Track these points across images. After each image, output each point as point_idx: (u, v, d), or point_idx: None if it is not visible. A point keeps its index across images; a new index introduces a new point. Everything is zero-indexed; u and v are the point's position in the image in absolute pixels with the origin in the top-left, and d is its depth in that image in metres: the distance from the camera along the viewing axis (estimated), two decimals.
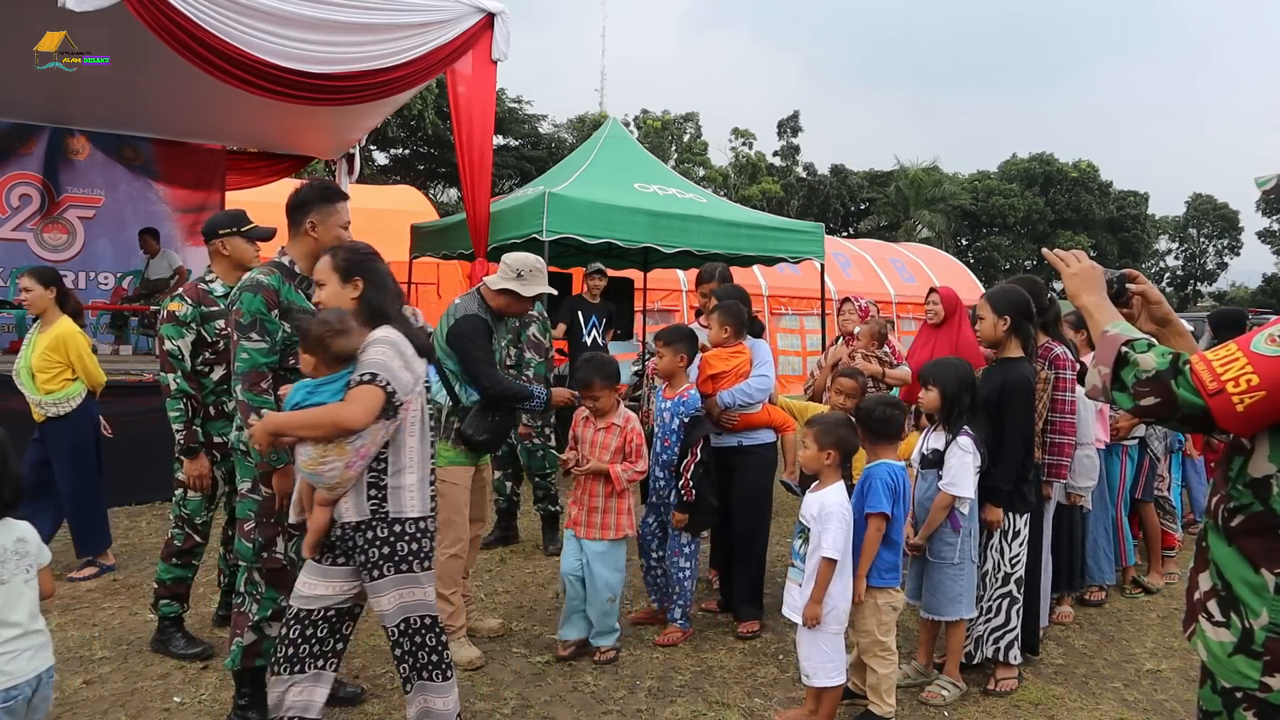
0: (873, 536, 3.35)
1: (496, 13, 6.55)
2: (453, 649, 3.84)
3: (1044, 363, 4.01)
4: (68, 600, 4.52)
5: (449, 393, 3.88)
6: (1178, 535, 6.11)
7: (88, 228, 9.40)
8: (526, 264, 3.95)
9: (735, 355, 4.33)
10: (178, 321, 3.81)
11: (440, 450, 3.87)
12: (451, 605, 3.87)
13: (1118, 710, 3.64)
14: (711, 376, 4.28)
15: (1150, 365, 1.66)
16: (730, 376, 4.28)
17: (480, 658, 3.87)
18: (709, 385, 4.29)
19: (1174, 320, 2.07)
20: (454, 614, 3.88)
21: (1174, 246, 50.26)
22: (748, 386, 4.29)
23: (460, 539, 3.90)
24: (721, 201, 9.85)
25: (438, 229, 9.12)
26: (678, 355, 4.15)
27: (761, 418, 4.37)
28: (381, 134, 26.62)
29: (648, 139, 33.45)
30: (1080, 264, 2.02)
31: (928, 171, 38.60)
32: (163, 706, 3.39)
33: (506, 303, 3.96)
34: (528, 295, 3.94)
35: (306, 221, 3.20)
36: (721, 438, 4.33)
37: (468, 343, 3.83)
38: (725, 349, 4.34)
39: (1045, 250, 2.21)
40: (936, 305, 5.32)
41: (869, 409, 3.56)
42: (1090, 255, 2.13)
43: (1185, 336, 2.06)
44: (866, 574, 3.36)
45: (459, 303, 3.97)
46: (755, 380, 4.31)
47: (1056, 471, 4.05)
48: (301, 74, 5.75)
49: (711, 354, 4.37)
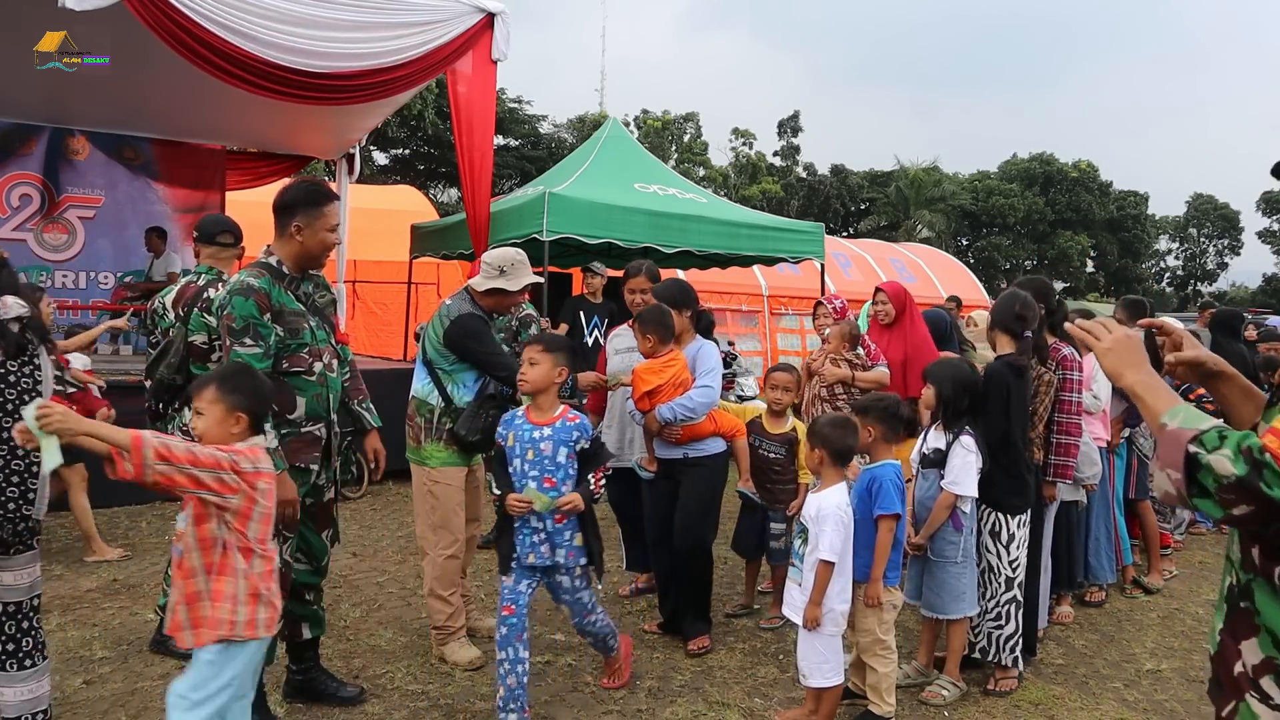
0: (885, 539, 3.33)
1: (496, 13, 6.56)
2: (453, 649, 3.86)
3: (1053, 363, 4.01)
4: (68, 600, 4.52)
5: (441, 394, 3.87)
6: (1174, 535, 6.12)
7: (88, 228, 9.40)
8: (507, 259, 3.93)
9: (668, 365, 3.94)
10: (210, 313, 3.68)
11: (433, 451, 3.87)
12: (450, 606, 3.87)
13: (1118, 710, 3.64)
14: (648, 393, 3.91)
15: (1228, 471, 1.36)
16: (668, 389, 3.90)
17: (480, 657, 3.87)
18: (645, 402, 3.92)
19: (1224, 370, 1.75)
20: (453, 615, 3.88)
21: (1174, 246, 50.31)
22: (689, 400, 3.89)
23: (456, 539, 3.90)
24: (721, 201, 9.85)
25: (438, 229, 9.13)
26: (557, 368, 3.33)
27: (707, 427, 4.00)
28: (381, 134, 26.62)
29: (648, 139, 33.45)
30: (1113, 335, 1.68)
31: (928, 171, 38.61)
32: (163, 706, 3.37)
33: (496, 301, 3.96)
34: (515, 290, 3.93)
35: (292, 224, 3.14)
36: (667, 449, 4.02)
37: (471, 341, 3.82)
38: (656, 360, 3.96)
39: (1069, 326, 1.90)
40: (885, 304, 5.06)
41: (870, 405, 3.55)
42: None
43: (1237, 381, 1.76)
44: (859, 571, 3.34)
45: (450, 304, 3.94)
46: (698, 392, 3.92)
47: (1062, 472, 4.04)
48: (302, 73, 5.76)
49: (641, 367, 3.99)
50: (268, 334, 3.05)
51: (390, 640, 4.10)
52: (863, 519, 3.37)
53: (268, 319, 3.06)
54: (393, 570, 5.21)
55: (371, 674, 3.73)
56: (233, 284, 3.10)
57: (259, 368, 3.00)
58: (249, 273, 3.12)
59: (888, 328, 5.06)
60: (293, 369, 3.13)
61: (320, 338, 3.24)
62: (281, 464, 2.98)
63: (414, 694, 3.55)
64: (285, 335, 3.10)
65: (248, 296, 3.03)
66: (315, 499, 3.25)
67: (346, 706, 3.40)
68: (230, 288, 3.09)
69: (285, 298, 3.14)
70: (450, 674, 3.74)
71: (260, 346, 3.03)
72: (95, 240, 9.43)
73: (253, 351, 3.01)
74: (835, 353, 4.87)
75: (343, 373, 3.41)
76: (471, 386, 3.89)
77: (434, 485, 3.88)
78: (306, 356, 3.17)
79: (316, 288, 3.34)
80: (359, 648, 4.00)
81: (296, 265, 3.21)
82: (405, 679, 3.68)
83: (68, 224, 9.32)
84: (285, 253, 3.19)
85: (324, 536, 3.38)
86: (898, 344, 4.97)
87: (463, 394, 3.86)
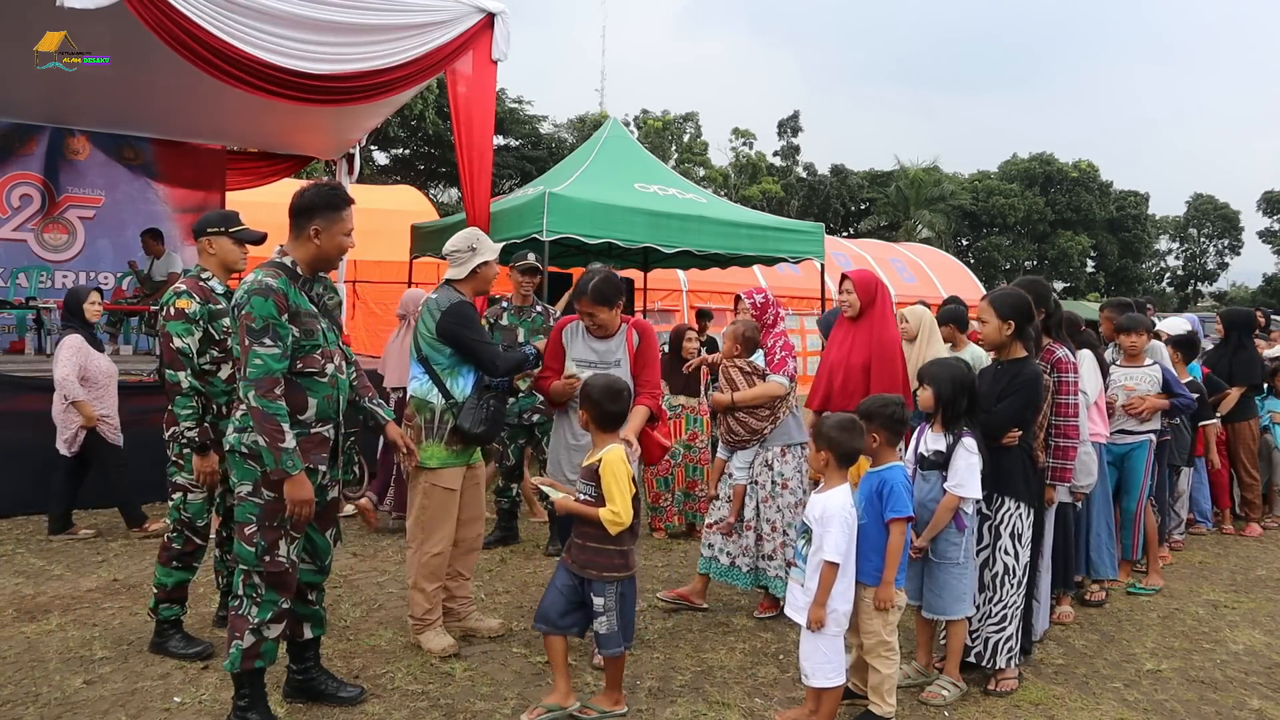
0: (897, 542, 3.31)
1: (497, 13, 6.56)
2: (429, 637, 3.93)
3: (1046, 365, 4.00)
4: (68, 600, 4.52)
5: (441, 391, 3.88)
6: (1174, 535, 6.13)
7: (88, 228, 9.41)
8: (468, 238, 4.04)
9: None
10: (187, 319, 3.76)
11: (433, 451, 3.88)
12: (431, 600, 3.96)
13: (1118, 710, 3.63)
14: None
15: None
16: None
17: (453, 645, 3.92)
18: None
19: None
20: (432, 609, 3.97)
21: (1174, 246, 50.32)
22: None
23: (445, 538, 3.95)
24: (721, 201, 9.86)
25: (438, 229, 9.12)
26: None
27: None
28: (381, 134, 26.63)
29: (648, 139, 33.46)
30: None
31: (928, 171, 38.61)
32: (163, 706, 3.39)
33: (480, 280, 4.04)
34: (493, 257, 4.03)
35: (310, 227, 3.16)
36: None
37: (461, 329, 3.86)
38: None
39: None
40: (850, 295, 4.48)
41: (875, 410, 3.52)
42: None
43: None
44: (868, 574, 3.34)
45: (436, 298, 3.97)
46: None
47: (1061, 474, 4.04)
48: (302, 74, 5.76)
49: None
50: (286, 335, 3.05)
51: (390, 640, 4.10)
52: (871, 522, 3.35)
53: (285, 319, 3.06)
54: (393, 570, 5.21)
55: (371, 674, 3.73)
56: (250, 283, 3.07)
57: (277, 368, 3.01)
58: (266, 272, 3.10)
59: (853, 322, 4.49)
60: (306, 370, 3.14)
61: (331, 339, 3.25)
62: (300, 464, 2.99)
63: (414, 694, 3.55)
64: (300, 336, 3.11)
65: (267, 296, 3.02)
66: (320, 499, 3.25)
67: (346, 706, 3.40)
68: (248, 287, 3.06)
69: (300, 299, 3.15)
70: (450, 674, 3.74)
71: (279, 347, 3.03)
72: (95, 240, 9.44)
73: (272, 352, 3.00)
74: (728, 356, 4.54)
75: (350, 373, 3.42)
76: (470, 378, 3.91)
77: (429, 487, 3.90)
78: (320, 358, 3.17)
79: (326, 289, 3.36)
80: (359, 648, 4.00)
81: (310, 267, 3.22)
82: (405, 679, 3.68)
83: (68, 224, 9.33)
84: (301, 254, 3.19)
85: (328, 536, 3.39)
86: (861, 343, 4.40)
87: (464, 387, 3.89)
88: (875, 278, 4.59)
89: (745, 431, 4.47)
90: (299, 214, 3.18)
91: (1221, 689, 3.88)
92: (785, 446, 4.49)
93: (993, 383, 3.79)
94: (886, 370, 4.36)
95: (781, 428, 4.50)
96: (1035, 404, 3.77)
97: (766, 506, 4.47)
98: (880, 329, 4.42)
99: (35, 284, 9.09)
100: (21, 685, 3.52)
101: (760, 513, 4.48)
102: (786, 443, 4.50)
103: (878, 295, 4.48)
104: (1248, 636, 4.54)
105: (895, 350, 4.44)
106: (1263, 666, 4.15)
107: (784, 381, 4.43)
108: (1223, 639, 4.50)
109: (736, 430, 4.49)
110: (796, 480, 4.48)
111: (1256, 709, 3.69)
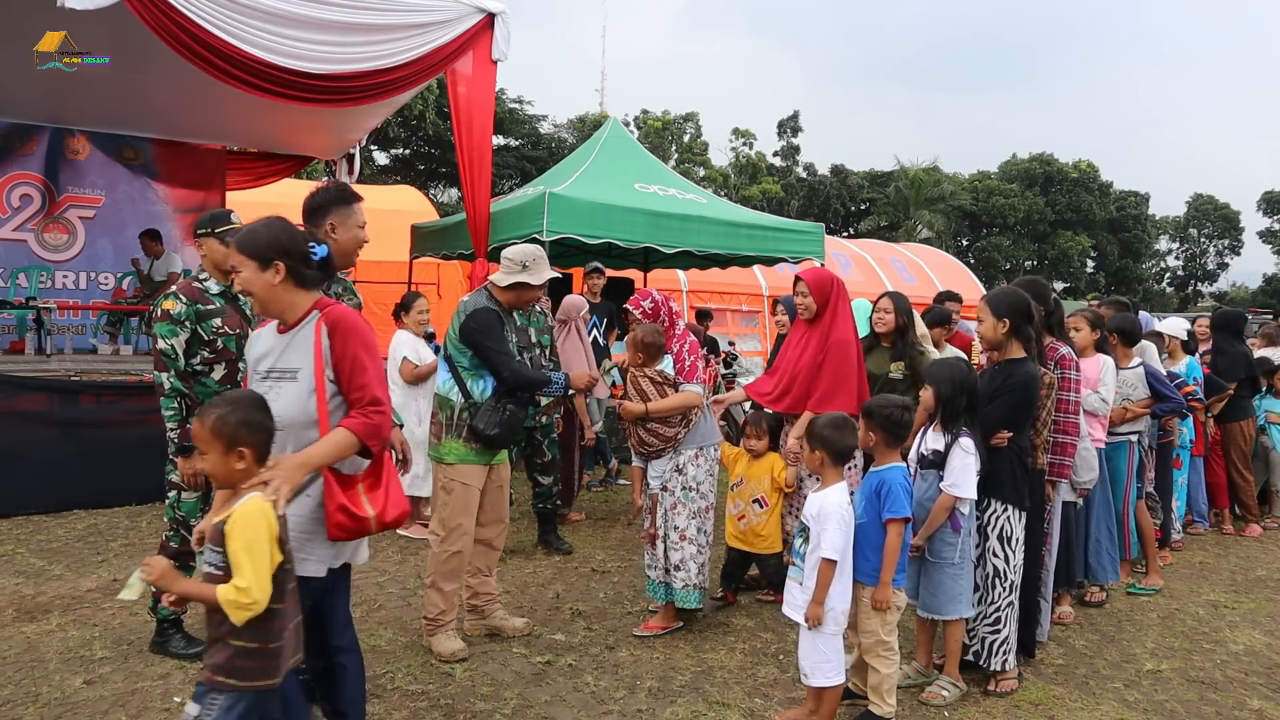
0: (894, 543, 3.31)
1: (497, 13, 6.55)
2: (440, 640, 3.91)
3: (1050, 364, 4.01)
4: (68, 600, 4.52)
5: (461, 390, 3.92)
6: (1174, 535, 6.13)
7: (88, 228, 9.40)
8: (529, 254, 4.04)
9: None
10: (172, 320, 3.77)
11: (451, 447, 3.91)
12: (446, 602, 3.93)
13: (1118, 710, 3.63)
14: None
15: None
16: None
17: (463, 649, 3.90)
18: None
19: None
20: (446, 610, 3.95)
21: (1174, 246, 50.33)
22: None
23: (465, 535, 3.94)
24: (721, 202, 9.85)
25: (438, 229, 9.12)
26: None
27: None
28: (381, 134, 26.64)
29: (648, 139, 33.46)
30: None
31: (928, 171, 38.62)
32: (163, 706, 3.39)
33: (516, 296, 4.05)
34: (537, 284, 4.04)
35: (326, 223, 3.24)
36: None
37: (481, 335, 3.89)
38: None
39: None
40: (805, 297, 4.44)
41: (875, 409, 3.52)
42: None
43: None
44: (867, 574, 3.34)
45: (467, 300, 4.04)
46: None
47: (1060, 471, 4.05)
48: (302, 74, 5.75)
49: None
50: None
51: (390, 640, 4.10)
52: (869, 521, 3.35)
53: None
54: (393, 570, 5.21)
55: (371, 674, 3.72)
56: None
57: None
58: None
59: (809, 324, 4.47)
60: None
61: None
62: None
63: (414, 694, 3.55)
64: None
65: None
66: None
67: None
68: None
69: None
70: (450, 674, 3.74)
71: None
72: (95, 240, 9.42)
73: None
74: (634, 365, 4.31)
75: None
76: (490, 382, 3.94)
77: (449, 482, 3.93)
78: None
79: (345, 290, 3.38)
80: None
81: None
82: (405, 679, 3.68)
83: (68, 224, 9.32)
84: None
85: None
86: (813, 346, 4.35)
87: (484, 389, 3.92)
88: (832, 278, 4.55)
89: (660, 441, 4.22)
90: (313, 213, 3.26)
91: (1221, 689, 3.88)
92: (699, 449, 4.28)
93: (988, 383, 3.80)
94: (840, 371, 4.33)
95: (694, 431, 4.27)
96: (1027, 405, 3.75)
97: (675, 514, 4.23)
98: (832, 330, 4.41)
99: (35, 284, 9.09)
100: (21, 685, 3.53)
101: (668, 519, 4.24)
102: (700, 445, 4.29)
103: (833, 296, 4.47)
104: (1248, 637, 4.54)
105: (848, 351, 4.38)
106: (1263, 667, 4.15)
107: (699, 390, 4.24)
108: (1223, 639, 4.50)
109: (650, 441, 4.23)
110: (709, 484, 4.31)
111: (1256, 709, 3.69)
